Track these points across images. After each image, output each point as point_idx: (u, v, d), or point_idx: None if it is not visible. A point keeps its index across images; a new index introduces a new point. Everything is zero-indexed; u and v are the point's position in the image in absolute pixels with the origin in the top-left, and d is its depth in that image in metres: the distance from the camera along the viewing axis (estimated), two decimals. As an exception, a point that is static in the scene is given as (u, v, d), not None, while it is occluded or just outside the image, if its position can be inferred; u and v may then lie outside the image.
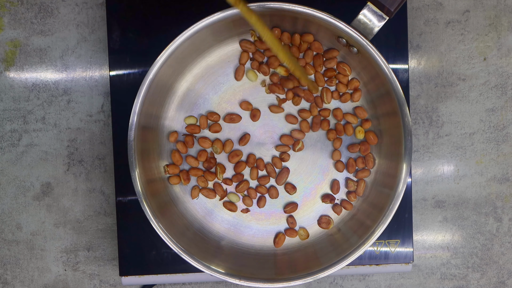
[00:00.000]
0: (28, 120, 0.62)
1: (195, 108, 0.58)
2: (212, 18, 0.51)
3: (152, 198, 0.54)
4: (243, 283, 0.52)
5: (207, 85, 0.58)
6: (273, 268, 0.56)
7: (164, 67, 0.53)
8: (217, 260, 0.54)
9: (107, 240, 0.63)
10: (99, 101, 0.62)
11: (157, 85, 0.53)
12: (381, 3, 0.49)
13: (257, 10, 0.51)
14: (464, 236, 0.65)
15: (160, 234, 0.53)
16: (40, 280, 0.64)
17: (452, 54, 0.63)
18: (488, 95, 0.63)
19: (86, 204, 0.63)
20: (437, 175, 0.64)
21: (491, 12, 0.63)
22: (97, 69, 0.62)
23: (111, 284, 0.64)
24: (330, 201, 0.58)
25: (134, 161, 0.53)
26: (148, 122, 0.55)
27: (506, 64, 0.63)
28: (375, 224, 0.53)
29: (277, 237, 0.59)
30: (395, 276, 0.65)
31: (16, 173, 0.62)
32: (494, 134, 0.64)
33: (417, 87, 0.63)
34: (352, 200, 0.58)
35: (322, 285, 0.64)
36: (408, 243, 0.60)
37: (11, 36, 0.61)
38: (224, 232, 0.59)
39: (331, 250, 0.56)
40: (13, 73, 0.62)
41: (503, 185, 0.64)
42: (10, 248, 0.63)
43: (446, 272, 0.65)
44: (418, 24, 0.62)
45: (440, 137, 0.63)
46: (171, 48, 0.52)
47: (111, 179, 0.62)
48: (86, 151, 0.62)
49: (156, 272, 0.59)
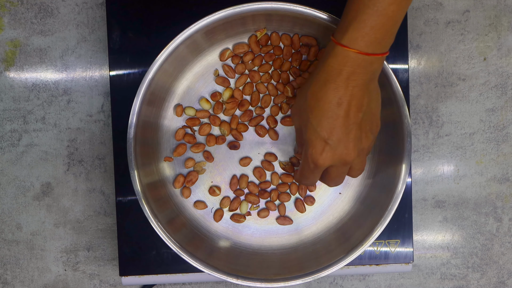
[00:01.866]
0: (28, 120, 0.62)
1: (195, 107, 0.58)
2: (212, 18, 0.51)
3: (152, 197, 0.54)
4: (241, 282, 0.52)
5: (207, 84, 0.58)
6: (271, 268, 0.56)
7: (163, 66, 0.53)
8: (215, 259, 0.54)
9: (107, 240, 0.63)
10: (99, 101, 0.62)
11: (156, 85, 0.53)
12: None
13: (257, 10, 0.51)
14: (464, 236, 0.65)
15: (159, 233, 0.53)
16: (40, 280, 0.64)
17: (452, 54, 0.63)
18: (488, 95, 0.63)
19: (86, 204, 0.63)
20: (437, 175, 0.64)
21: (491, 12, 0.63)
22: (97, 69, 0.62)
23: (111, 284, 0.64)
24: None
25: (134, 160, 0.53)
26: (147, 121, 0.55)
27: (506, 64, 0.63)
28: (375, 224, 0.53)
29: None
30: (395, 276, 0.65)
31: (16, 173, 0.62)
32: (494, 134, 0.64)
33: (417, 87, 0.63)
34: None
35: (322, 285, 0.64)
36: (408, 243, 0.60)
37: (11, 36, 0.61)
38: (222, 231, 0.59)
39: (330, 250, 0.56)
40: (13, 73, 0.62)
41: (503, 185, 0.64)
42: (10, 248, 0.63)
43: (446, 272, 0.65)
44: (418, 24, 0.62)
45: (440, 137, 0.63)
46: (170, 48, 0.52)
47: (111, 179, 0.62)
48: (86, 151, 0.62)
49: (156, 272, 0.59)
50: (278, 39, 0.57)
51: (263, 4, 0.51)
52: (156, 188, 0.56)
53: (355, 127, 0.46)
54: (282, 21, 0.55)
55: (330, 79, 0.45)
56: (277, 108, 0.58)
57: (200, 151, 0.58)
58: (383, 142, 0.57)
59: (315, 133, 0.46)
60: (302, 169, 0.50)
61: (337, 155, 0.47)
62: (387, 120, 0.55)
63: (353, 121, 0.46)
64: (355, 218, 0.58)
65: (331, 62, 0.45)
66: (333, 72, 0.45)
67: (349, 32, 0.44)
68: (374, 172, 0.58)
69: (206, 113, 0.58)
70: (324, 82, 0.46)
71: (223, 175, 0.59)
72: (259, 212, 0.59)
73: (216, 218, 0.58)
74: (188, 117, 0.58)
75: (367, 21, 0.43)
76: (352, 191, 0.59)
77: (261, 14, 0.53)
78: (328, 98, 0.45)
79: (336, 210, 0.59)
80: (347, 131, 0.46)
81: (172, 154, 0.58)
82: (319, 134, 0.46)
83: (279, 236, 0.59)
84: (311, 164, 0.48)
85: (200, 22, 0.51)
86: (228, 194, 0.59)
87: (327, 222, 0.59)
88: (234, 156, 0.59)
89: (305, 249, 0.58)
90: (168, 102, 0.58)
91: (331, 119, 0.45)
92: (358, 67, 0.44)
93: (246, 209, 0.58)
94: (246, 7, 0.51)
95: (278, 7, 0.51)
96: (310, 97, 0.47)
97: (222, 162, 0.58)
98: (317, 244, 0.58)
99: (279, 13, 0.52)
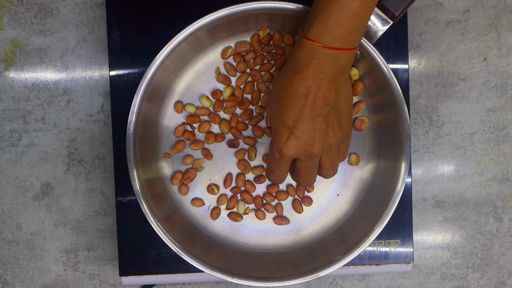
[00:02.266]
0: (28, 120, 0.62)
1: (195, 104, 0.58)
2: (215, 15, 0.51)
3: (150, 193, 0.54)
4: (236, 281, 0.52)
5: (208, 81, 0.58)
6: (266, 267, 0.56)
7: (165, 63, 0.53)
8: (211, 257, 0.54)
9: (107, 240, 0.63)
10: (99, 101, 0.62)
11: (157, 81, 0.53)
12: (386, 7, 0.49)
13: (259, 9, 0.51)
14: (464, 236, 0.65)
15: (155, 228, 0.52)
16: (40, 280, 0.64)
17: (452, 54, 0.63)
18: (488, 95, 0.63)
19: (86, 204, 0.63)
20: (437, 175, 0.64)
21: (491, 12, 0.63)
22: (97, 69, 0.62)
23: (111, 284, 0.64)
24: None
25: (132, 156, 0.53)
26: (147, 118, 0.55)
27: (506, 64, 0.63)
28: (372, 225, 0.53)
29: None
30: (395, 276, 0.65)
31: (16, 173, 0.62)
32: (494, 134, 0.64)
33: (417, 87, 0.63)
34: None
35: (322, 285, 0.64)
36: (408, 243, 0.60)
37: (11, 36, 0.61)
38: (219, 229, 0.59)
39: (327, 251, 0.56)
40: (13, 73, 0.62)
41: (503, 185, 0.64)
42: (10, 248, 0.63)
43: (446, 272, 0.65)
44: (418, 24, 0.62)
45: (440, 137, 0.63)
46: (172, 44, 0.52)
47: (111, 179, 0.62)
48: (86, 151, 0.62)
49: (156, 272, 0.59)
50: (281, 39, 0.57)
51: (266, 3, 0.51)
52: (154, 184, 0.56)
53: (321, 119, 0.47)
54: (285, 21, 0.55)
55: (298, 70, 0.46)
56: None
57: (199, 148, 0.58)
58: (383, 143, 0.57)
59: (281, 121, 0.47)
60: (269, 162, 0.51)
61: (302, 145, 0.47)
62: (387, 122, 0.55)
63: (319, 112, 0.46)
64: (353, 219, 0.58)
65: (299, 54, 0.46)
66: (300, 64, 0.46)
67: (314, 26, 0.44)
68: (373, 174, 0.58)
69: (206, 111, 0.58)
70: (292, 72, 0.47)
71: (221, 173, 0.59)
72: (256, 213, 0.59)
73: (213, 216, 0.58)
74: (188, 114, 0.58)
75: (331, 16, 0.44)
76: (350, 192, 0.59)
77: (264, 14, 0.53)
78: (295, 87, 0.46)
79: (334, 212, 0.59)
80: (312, 121, 0.47)
81: (171, 150, 0.58)
82: (284, 122, 0.47)
83: (275, 236, 0.59)
84: (276, 153, 0.48)
85: (202, 20, 0.51)
86: (225, 192, 0.59)
87: (325, 223, 0.59)
88: (233, 154, 0.59)
89: (302, 250, 0.58)
90: (169, 99, 0.58)
91: (297, 108, 0.46)
92: (324, 61, 0.45)
93: (243, 208, 0.58)
94: (249, 6, 0.51)
95: (281, 7, 0.51)
96: (279, 86, 0.48)
97: (221, 160, 0.59)
98: (314, 245, 0.58)
99: (282, 12, 0.52)
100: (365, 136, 0.58)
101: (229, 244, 0.58)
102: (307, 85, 0.46)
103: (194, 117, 0.58)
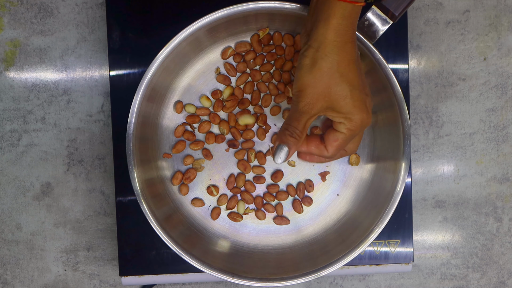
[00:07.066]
0: (28, 120, 0.62)
1: (195, 104, 0.58)
2: (215, 16, 0.51)
3: (150, 193, 0.54)
4: (236, 280, 0.52)
5: (208, 81, 0.58)
6: (266, 267, 0.56)
7: (165, 63, 0.53)
8: (210, 257, 0.54)
9: (107, 240, 0.63)
10: (99, 101, 0.62)
11: (157, 81, 0.53)
12: (386, 7, 0.49)
13: (259, 9, 0.51)
14: (464, 236, 0.65)
15: (155, 228, 0.52)
16: (40, 280, 0.64)
17: (452, 54, 0.63)
18: (488, 95, 0.63)
19: (86, 204, 0.63)
20: (437, 175, 0.64)
21: (491, 12, 0.63)
22: (97, 69, 0.62)
23: (111, 284, 0.64)
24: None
25: (132, 156, 0.53)
26: (147, 118, 0.55)
27: (506, 64, 0.63)
28: (372, 225, 0.53)
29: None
30: (395, 276, 0.65)
31: (16, 173, 0.62)
32: (494, 134, 0.64)
33: (417, 87, 0.63)
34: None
35: (322, 285, 0.64)
36: (408, 243, 0.60)
37: (11, 36, 0.61)
38: (219, 230, 0.59)
39: (327, 251, 0.56)
40: (13, 73, 0.62)
41: (503, 185, 0.64)
42: (10, 248, 0.63)
43: (446, 272, 0.65)
44: (418, 24, 0.62)
45: (440, 137, 0.63)
46: (172, 44, 0.52)
47: (111, 179, 0.62)
48: (86, 151, 0.62)
49: (156, 272, 0.59)
50: (281, 39, 0.57)
51: (266, 4, 0.51)
52: (154, 184, 0.56)
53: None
54: (285, 21, 0.55)
55: (347, 40, 0.43)
56: (278, 108, 0.58)
57: (199, 148, 0.58)
58: (383, 143, 0.57)
59: (361, 94, 0.44)
60: (343, 141, 0.47)
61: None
62: (387, 121, 0.55)
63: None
64: (353, 219, 0.58)
65: (338, 23, 0.42)
66: (348, 31, 0.43)
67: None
68: (373, 174, 0.58)
69: (206, 111, 0.58)
70: (343, 43, 0.43)
71: (221, 173, 0.59)
72: (256, 213, 0.59)
73: (213, 216, 0.58)
74: (188, 114, 0.58)
75: None
76: (350, 192, 0.59)
77: (264, 14, 0.53)
78: (352, 55, 0.44)
79: (334, 212, 0.59)
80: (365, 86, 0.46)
81: (171, 150, 0.58)
82: (366, 95, 0.45)
83: (276, 236, 0.59)
84: (358, 130, 0.45)
85: (202, 20, 0.51)
86: (225, 192, 0.59)
87: (325, 223, 0.59)
88: (233, 154, 0.59)
89: (302, 250, 0.58)
90: (169, 99, 0.58)
91: (362, 75, 0.46)
92: (349, 19, 0.43)
93: (244, 208, 0.58)
94: (249, 6, 0.51)
95: (280, 7, 0.51)
96: (338, 64, 0.43)
97: (221, 160, 0.59)
98: (314, 245, 0.58)
99: (282, 12, 0.52)
100: (365, 136, 0.58)
101: (229, 244, 0.58)
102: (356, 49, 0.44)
103: (194, 117, 0.58)
